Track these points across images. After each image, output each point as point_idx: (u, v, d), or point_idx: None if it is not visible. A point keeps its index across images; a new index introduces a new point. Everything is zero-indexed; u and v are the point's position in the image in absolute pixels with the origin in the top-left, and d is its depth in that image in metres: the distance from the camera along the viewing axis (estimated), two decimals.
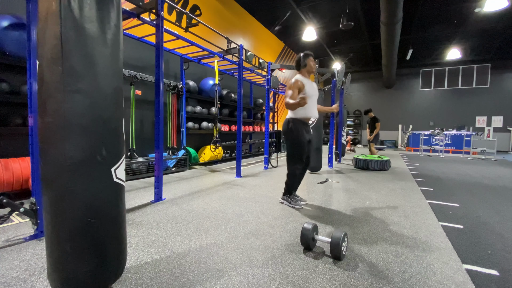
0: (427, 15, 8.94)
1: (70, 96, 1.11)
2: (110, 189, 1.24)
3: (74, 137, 1.13)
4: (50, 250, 1.17)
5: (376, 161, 5.70)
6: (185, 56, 5.40)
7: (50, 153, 1.14)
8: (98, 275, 1.20)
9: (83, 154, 1.14)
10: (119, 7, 1.28)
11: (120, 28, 1.30)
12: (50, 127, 1.12)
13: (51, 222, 1.15)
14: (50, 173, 1.15)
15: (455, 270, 1.61)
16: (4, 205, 1.83)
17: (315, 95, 2.87)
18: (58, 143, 1.12)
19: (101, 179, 1.20)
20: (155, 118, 2.97)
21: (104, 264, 1.22)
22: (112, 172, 1.23)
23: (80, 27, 1.12)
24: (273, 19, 9.54)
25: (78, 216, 1.14)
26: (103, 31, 1.19)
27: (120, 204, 1.30)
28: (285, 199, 2.95)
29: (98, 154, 1.18)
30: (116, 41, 1.25)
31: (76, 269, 1.14)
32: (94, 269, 1.18)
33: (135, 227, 2.16)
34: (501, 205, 3.08)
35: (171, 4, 3.40)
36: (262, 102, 8.73)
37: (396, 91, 15.08)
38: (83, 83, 1.13)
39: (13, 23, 2.84)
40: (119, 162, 1.28)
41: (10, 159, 2.86)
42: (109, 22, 1.21)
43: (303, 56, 2.86)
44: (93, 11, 1.15)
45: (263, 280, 1.45)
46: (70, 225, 1.13)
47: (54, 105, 1.11)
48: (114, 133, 1.25)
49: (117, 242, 1.27)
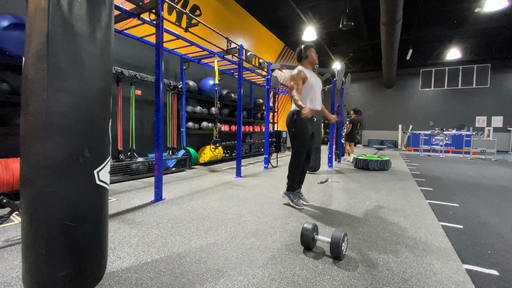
0: (427, 15, 8.94)
1: (54, 94, 1.08)
2: (92, 191, 1.20)
3: (55, 136, 1.09)
4: (24, 252, 1.13)
5: (376, 161, 5.70)
6: (185, 56, 5.40)
7: (30, 153, 1.10)
8: (74, 280, 1.15)
9: (64, 154, 1.10)
10: (111, 7, 1.25)
11: (112, 27, 1.27)
12: (31, 125, 1.09)
13: (28, 223, 1.11)
14: (29, 173, 1.10)
15: (455, 270, 1.61)
16: (4, 205, 1.83)
17: (319, 86, 2.86)
18: (38, 142, 1.08)
19: (82, 181, 1.16)
20: (155, 118, 2.97)
21: (82, 269, 1.18)
22: (94, 174, 1.20)
23: (69, 24, 1.10)
24: (273, 19, 9.54)
25: (56, 218, 1.10)
26: (92, 30, 1.16)
27: (102, 207, 1.26)
28: (287, 194, 2.90)
29: (80, 155, 1.14)
30: (106, 41, 1.23)
31: (52, 273, 1.10)
32: (71, 273, 1.14)
33: (135, 227, 2.16)
34: (501, 205, 3.08)
35: (171, 4, 3.40)
36: (262, 102, 8.73)
37: (396, 91, 15.08)
38: (68, 82, 1.10)
39: (13, 23, 2.84)
40: (103, 164, 1.24)
41: (10, 159, 2.86)
42: (100, 21, 1.19)
43: (304, 47, 2.83)
44: (83, 9, 1.13)
45: (263, 280, 1.45)
46: (47, 228, 1.09)
47: (36, 103, 1.07)
48: (99, 134, 1.22)
49: (97, 246, 1.23)
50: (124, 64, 4.58)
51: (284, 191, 2.96)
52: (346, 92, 8.56)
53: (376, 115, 15.58)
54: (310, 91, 2.79)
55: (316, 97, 2.83)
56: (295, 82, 2.70)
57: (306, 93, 2.78)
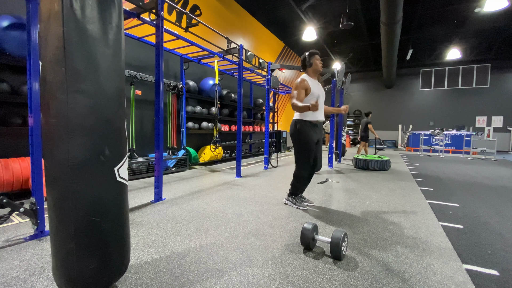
0: (427, 15, 8.94)
1: (73, 96, 1.12)
2: (113, 188, 1.25)
3: (77, 137, 1.14)
4: (55, 248, 1.18)
5: (376, 161, 5.70)
6: (185, 56, 5.40)
7: (54, 153, 1.15)
8: (102, 273, 1.21)
9: (86, 154, 1.15)
10: (120, 8, 1.28)
11: (122, 28, 1.30)
12: (53, 127, 1.14)
13: (56, 221, 1.17)
14: (54, 173, 1.16)
15: (455, 270, 1.61)
16: (4, 205, 1.83)
17: (322, 96, 2.77)
18: (61, 143, 1.13)
19: (104, 179, 1.21)
20: (155, 118, 2.97)
21: (108, 262, 1.23)
22: (115, 171, 1.25)
23: (82, 28, 1.13)
24: (273, 19, 9.54)
25: (82, 215, 1.15)
26: (105, 31, 1.20)
27: (123, 203, 1.32)
28: (289, 200, 2.89)
29: (101, 154, 1.19)
30: (117, 42, 1.26)
31: (81, 266, 1.16)
32: (98, 266, 1.19)
33: (135, 227, 2.16)
34: (501, 205, 3.08)
35: (171, 4, 3.39)
36: (262, 102, 8.73)
37: (396, 91, 15.08)
38: (85, 83, 1.15)
39: (13, 23, 2.84)
40: (122, 162, 1.29)
41: (10, 159, 2.86)
42: (111, 23, 1.22)
43: (308, 55, 2.76)
44: (95, 12, 1.16)
45: (263, 280, 1.45)
46: (75, 224, 1.14)
47: (57, 106, 1.12)
48: (117, 133, 1.27)
49: (120, 241, 1.29)
50: (124, 64, 4.57)
51: (286, 197, 2.94)
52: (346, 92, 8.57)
53: (376, 115, 15.57)
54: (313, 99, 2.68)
55: (320, 108, 2.75)
56: (297, 91, 2.61)
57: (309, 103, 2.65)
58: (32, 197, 1.92)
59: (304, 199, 2.93)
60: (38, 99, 1.90)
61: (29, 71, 1.91)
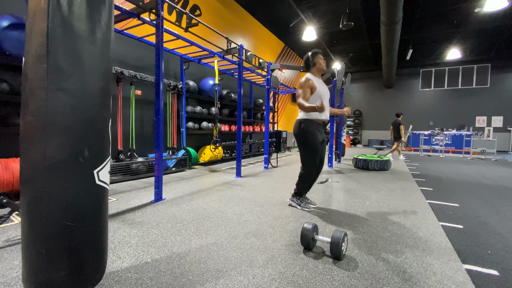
0: (427, 15, 8.94)
1: (53, 94, 1.08)
2: (92, 191, 1.19)
3: (55, 136, 1.09)
4: (25, 252, 1.13)
5: (376, 161, 5.70)
6: (185, 56, 5.40)
7: (30, 153, 1.09)
8: (74, 280, 1.16)
9: (64, 154, 1.10)
10: (111, 7, 1.25)
11: (111, 27, 1.27)
12: (31, 125, 1.09)
13: (28, 223, 1.11)
14: (29, 173, 1.10)
15: (455, 270, 1.61)
16: (4, 205, 1.83)
17: (327, 95, 2.77)
18: (38, 142, 1.08)
19: (82, 181, 1.16)
20: (155, 118, 2.97)
21: (81, 269, 1.17)
22: (94, 174, 1.19)
23: (68, 24, 1.09)
24: (273, 19, 9.54)
25: (55, 218, 1.09)
26: (92, 30, 1.16)
27: (102, 207, 1.26)
28: (294, 201, 2.85)
29: (79, 155, 1.14)
30: (106, 41, 1.23)
31: (52, 273, 1.10)
32: (71, 273, 1.14)
33: (135, 227, 2.16)
34: (501, 205, 3.08)
35: (171, 4, 3.40)
36: (262, 102, 8.73)
37: (396, 91, 15.08)
38: (68, 81, 1.10)
39: (13, 23, 2.84)
40: (103, 164, 1.24)
41: (10, 159, 2.86)
42: (100, 21, 1.19)
43: (311, 54, 2.74)
44: (83, 9, 1.13)
45: (263, 280, 1.45)
46: (47, 228, 1.09)
47: (36, 103, 1.07)
48: (99, 134, 1.22)
49: (96, 247, 1.23)
50: (124, 64, 4.58)
51: (290, 197, 2.91)
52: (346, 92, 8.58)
53: (376, 115, 15.58)
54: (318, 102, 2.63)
55: (325, 108, 2.70)
56: (302, 90, 2.60)
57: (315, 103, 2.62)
58: None
59: (308, 200, 2.90)
60: None
61: None
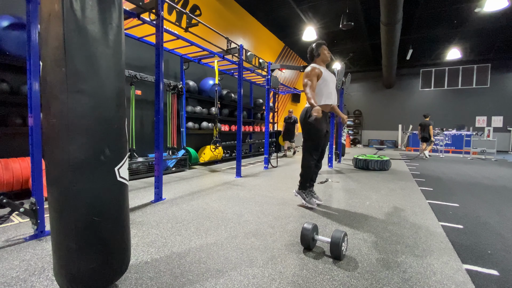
0: (427, 15, 8.94)
1: (73, 97, 1.13)
2: (114, 188, 1.25)
3: (77, 137, 1.14)
4: (55, 247, 1.19)
5: (376, 161, 5.70)
6: (185, 56, 5.40)
7: (55, 154, 1.15)
8: (103, 272, 1.22)
9: (87, 154, 1.16)
10: (120, 8, 1.28)
11: (122, 28, 1.30)
12: (54, 127, 1.14)
13: (56, 220, 1.17)
14: (55, 173, 1.16)
15: (455, 270, 1.61)
16: (4, 205, 1.83)
17: (333, 81, 2.83)
18: (62, 143, 1.13)
19: (105, 179, 1.22)
20: (155, 118, 2.97)
21: (109, 261, 1.23)
22: (115, 171, 1.25)
23: (83, 28, 1.13)
24: (273, 19, 9.54)
25: (82, 214, 1.15)
26: (105, 32, 1.20)
27: (124, 202, 1.32)
28: (300, 193, 2.88)
29: (101, 154, 1.19)
30: (118, 42, 1.26)
31: (82, 266, 1.16)
32: (99, 266, 1.20)
33: (135, 227, 2.16)
34: (501, 205, 3.08)
35: (171, 4, 3.39)
36: (262, 102, 8.73)
37: (396, 91, 15.08)
38: (86, 84, 1.15)
39: (13, 23, 2.84)
40: (122, 162, 1.29)
41: (10, 159, 2.86)
42: (111, 23, 1.22)
43: (316, 45, 2.80)
44: (95, 12, 1.16)
45: (263, 280, 1.45)
46: (75, 224, 1.15)
47: (58, 106, 1.12)
48: (117, 133, 1.27)
49: (121, 240, 1.29)
50: (124, 64, 4.57)
51: (297, 189, 2.94)
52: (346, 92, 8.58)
53: (376, 115, 15.58)
54: (325, 87, 2.75)
55: (332, 93, 2.80)
56: (309, 79, 2.65)
57: (321, 90, 2.74)
58: (32, 197, 1.92)
59: (314, 194, 2.91)
60: (38, 99, 1.90)
61: (29, 71, 1.91)
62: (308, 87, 2.63)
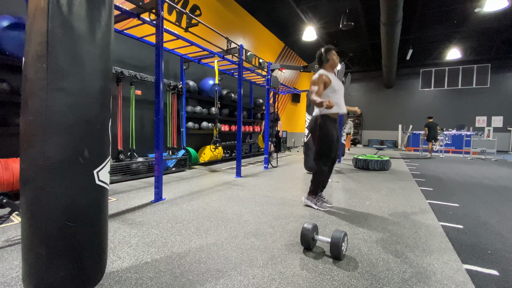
0: (427, 15, 8.94)
1: (53, 94, 1.08)
2: (91, 191, 1.20)
3: (55, 136, 1.09)
4: (24, 253, 1.13)
5: (376, 161, 5.70)
6: (185, 56, 5.40)
7: (29, 153, 1.10)
8: (74, 281, 1.16)
9: (64, 154, 1.10)
10: (111, 7, 1.25)
11: (111, 27, 1.27)
12: (31, 125, 1.09)
13: (27, 223, 1.11)
14: (28, 173, 1.11)
15: (455, 270, 1.61)
16: (4, 205, 1.83)
17: (342, 89, 2.77)
18: (38, 142, 1.08)
19: (81, 181, 1.16)
20: (155, 118, 2.97)
21: (81, 269, 1.17)
22: (94, 174, 1.19)
23: (68, 24, 1.09)
24: (273, 19, 9.54)
25: (55, 218, 1.10)
26: (92, 29, 1.16)
27: (102, 207, 1.26)
28: (310, 199, 2.83)
29: (79, 155, 1.14)
30: (106, 41, 1.23)
31: (51, 273, 1.10)
32: (71, 274, 1.14)
33: (135, 227, 2.16)
34: (501, 205, 3.08)
35: (171, 4, 3.40)
36: (262, 102, 8.73)
37: (396, 91, 15.08)
38: (67, 81, 1.10)
39: (13, 23, 2.84)
40: (103, 164, 1.24)
41: (10, 159, 2.86)
42: (100, 21, 1.19)
43: (325, 50, 2.72)
44: (83, 9, 1.13)
45: (263, 280, 1.45)
46: (46, 228, 1.09)
47: (36, 103, 1.07)
48: (99, 134, 1.22)
49: (96, 247, 1.23)
50: (124, 64, 4.58)
51: (306, 196, 2.90)
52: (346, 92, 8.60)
53: (376, 115, 15.58)
54: (333, 96, 2.67)
55: (341, 102, 2.74)
56: (315, 86, 2.56)
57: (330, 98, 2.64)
58: None
59: (324, 198, 2.88)
60: None
61: None
62: (314, 93, 2.52)
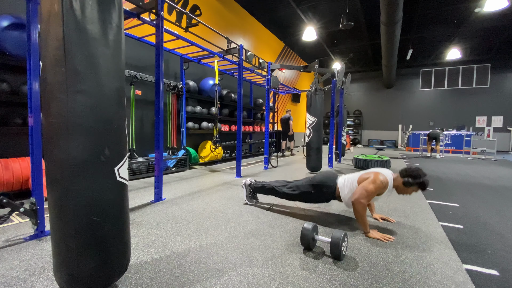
0: (427, 15, 8.94)
1: (73, 96, 1.13)
2: (114, 188, 1.26)
3: (77, 137, 1.14)
4: (55, 247, 1.19)
5: (376, 161, 5.70)
6: (185, 56, 5.40)
7: (54, 153, 1.16)
8: (102, 272, 1.22)
9: (87, 154, 1.16)
10: (120, 8, 1.28)
11: (122, 28, 1.30)
12: (54, 127, 1.15)
13: (56, 220, 1.18)
14: (55, 173, 1.17)
15: (455, 270, 1.61)
16: (4, 205, 1.83)
17: None
18: (62, 143, 1.14)
19: (104, 179, 1.22)
20: (155, 118, 2.97)
21: (108, 261, 1.24)
22: (115, 171, 1.25)
23: (82, 28, 1.14)
24: (273, 19, 9.54)
25: (82, 214, 1.16)
26: (105, 32, 1.20)
27: (124, 202, 1.32)
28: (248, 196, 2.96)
29: (101, 154, 1.20)
30: (117, 42, 1.27)
31: (81, 265, 1.16)
32: (99, 265, 1.20)
33: (135, 227, 2.16)
34: (501, 205, 3.08)
35: (171, 4, 3.39)
36: (262, 102, 8.73)
37: (396, 91, 15.08)
38: (85, 83, 1.15)
39: (13, 23, 2.84)
40: (122, 162, 1.29)
41: (10, 159, 2.86)
42: (111, 23, 1.22)
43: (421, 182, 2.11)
44: (95, 12, 1.16)
45: (263, 280, 1.45)
46: (75, 223, 1.15)
47: (57, 106, 1.13)
48: (117, 133, 1.27)
49: (121, 240, 1.29)
50: (124, 64, 4.57)
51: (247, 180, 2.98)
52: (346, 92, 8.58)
53: (376, 115, 15.58)
54: None
55: None
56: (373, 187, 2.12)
57: None
58: (32, 197, 1.92)
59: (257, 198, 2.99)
60: (38, 99, 1.90)
61: (29, 71, 1.91)
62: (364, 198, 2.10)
